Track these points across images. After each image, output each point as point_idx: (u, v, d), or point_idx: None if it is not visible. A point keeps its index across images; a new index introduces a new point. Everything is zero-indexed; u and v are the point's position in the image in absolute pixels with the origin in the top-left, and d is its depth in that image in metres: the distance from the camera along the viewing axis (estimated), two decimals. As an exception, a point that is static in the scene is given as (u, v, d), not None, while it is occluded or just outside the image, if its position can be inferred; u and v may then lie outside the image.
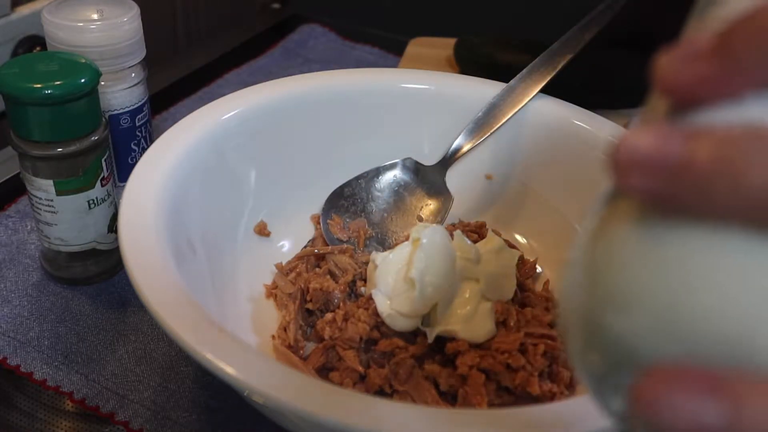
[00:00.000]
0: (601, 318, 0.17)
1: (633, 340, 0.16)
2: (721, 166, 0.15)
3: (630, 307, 0.17)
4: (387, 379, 0.38)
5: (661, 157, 0.16)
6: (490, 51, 0.65)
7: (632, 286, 0.17)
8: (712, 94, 0.17)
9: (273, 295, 0.45)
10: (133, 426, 0.38)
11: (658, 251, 0.16)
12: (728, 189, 0.15)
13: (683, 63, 0.17)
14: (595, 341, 0.17)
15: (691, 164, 0.16)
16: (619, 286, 0.17)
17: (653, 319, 0.16)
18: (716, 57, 0.16)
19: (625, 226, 0.17)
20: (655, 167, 0.16)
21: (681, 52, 0.17)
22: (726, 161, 0.15)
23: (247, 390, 0.29)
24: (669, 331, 0.16)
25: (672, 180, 0.16)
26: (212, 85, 0.71)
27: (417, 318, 0.40)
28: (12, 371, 0.41)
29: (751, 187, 0.15)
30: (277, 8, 0.87)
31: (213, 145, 0.44)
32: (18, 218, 0.51)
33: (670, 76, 0.17)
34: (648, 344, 0.16)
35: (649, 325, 0.16)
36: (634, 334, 0.16)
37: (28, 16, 0.61)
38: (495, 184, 0.51)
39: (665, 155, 0.16)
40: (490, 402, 0.37)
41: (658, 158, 0.16)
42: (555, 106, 0.49)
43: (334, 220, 0.48)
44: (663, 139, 0.16)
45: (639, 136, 0.16)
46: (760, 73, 0.16)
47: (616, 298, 0.17)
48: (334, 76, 0.51)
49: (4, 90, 0.40)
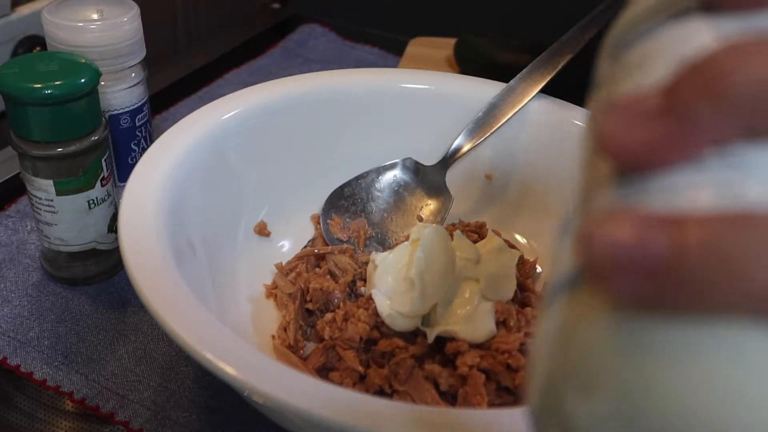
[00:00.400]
0: (562, 392, 0.16)
1: (588, 422, 0.15)
2: (716, 264, 0.13)
3: (591, 393, 0.15)
4: (387, 379, 0.38)
5: (644, 256, 0.14)
6: (490, 51, 0.65)
7: (600, 371, 0.15)
8: (666, 159, 0.15)
9: (273, 295, 0.45)
10: (133, 426, 0.38)
11: (632, 344, 0.15)
12: (726, 289, 0.13)
13: (629, 125, 0.15)
14: (554, 417, 0.16)
15: (682, 262, 0.14)
16: (584, 375, 0.15)
17: (616, 409, 0.15)
18: (666, 117, 0.14)
19: (597, 313, 0.15)
20: (637, 269, 0.14)
21: (624, 112, 0.15)
22: (721, 258, 0.13)
23: (247, 390, 0.29)
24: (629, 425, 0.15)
25: (657, 281, 0.14)
26: (212, 85, 0.70)
27: (417, 318, 0.40)
28: (12, 371, 0.41)
29: (755, 284, 0.13)
30: (277, 8, 0.87)
31: (213, 145, 0.44)
32: (18, 218, 0.51)
33: (615, 140, 0.15)
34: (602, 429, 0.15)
35: (608, 413, 0.15)
36: (590, 417, 0.15)
37: (28, 16, 0.61)
38: (495, 184, 0.51)
39: (650, 254, 0.14)
40: (490, 402, 0.37)
41: (641, 257, 0.14)
42: (555, 106, 0.49)
43: (334, 220, 0.48)
44: (643, 230, 0.14)
45: (615, 226, 0.14)
46: (717, 131, 0.14)
47: (579, 385, 0.15)
48: (334, 76, 0.51)
49: (4, 90, 0.40)
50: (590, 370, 0.15)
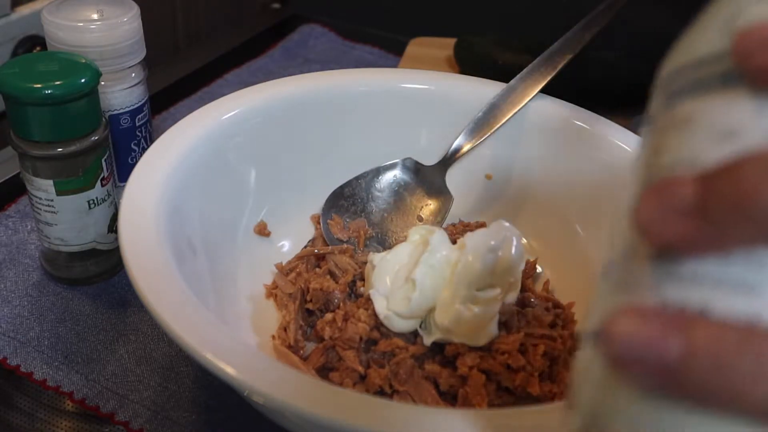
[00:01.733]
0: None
1: None
2: (720, 373, 0.15)
3: None
4: (387, 379, 0.38)
5: (658, 355, 0.16)
6: (490, 51, 0.65)
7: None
8: (695, 251, 0.17)
9: (273, 295, 0.45)
10: (133, 426, 0.38)
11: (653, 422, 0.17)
12: (726, 395, 0.15)
13: (665, 216, 0.17)
14: None
15: (690, 365, 0.16)
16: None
17: None
18: (699, 217, 0.16)
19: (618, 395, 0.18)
20: (650, 365, 0.16)
21: (664, 201, 0.17)
22: (725, 368, 0.15)
23: (247, 390, 0.29)
24: None
25: (667, 378, 0.16)
26: (212, 85, 0.71)
27: (415, 319, 0.40)
28: (12, 371, 0.41)
29: (752, 396, 0.15)
30: (277, 8, 0.87)
31: (213, 145, 0.44)
32: (18, 218, 0.51)
33: (653, 227, 0.17)
34: None
35: None
36: None
37: (28, 16, 0.61)
38: (495, 184, 0.51)
39: (663, 353, 0.16)
40: (490, 402, 0.37)
41: (655, 355, 0.16)
42: (555, 106, 0.49)
43: (334, 220, 0.48)
44: (660, 332, 0.16)
45: (633, 321, 0.16)
46: (743, 239, 0.16)
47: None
48: (334, 76, 0.51)
49: (4, 90, 0.40)
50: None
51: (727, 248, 0.16)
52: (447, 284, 0.39)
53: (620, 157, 0.45)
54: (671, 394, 0.16)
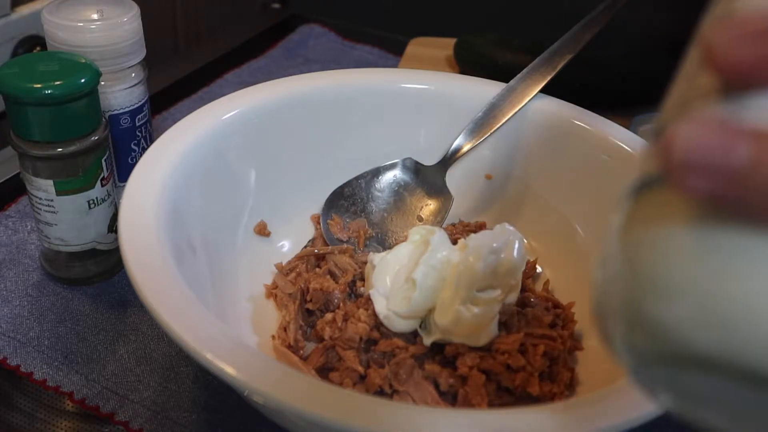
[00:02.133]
0: (646, 306, 0.17)
1: (674, 328, 0.16)
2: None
3: (677, 298, 0.16)
4: (387, 379, 0.38)
5: (725, 160, 0.14)
6: (490, 51, 0.65)
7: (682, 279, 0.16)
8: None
9: (273, 295, 0.45)
10: (133, 426, 0.38)
11: (711, 249, 0.16)
12: None
13: (741, 41, 0.15)
14: (639, 328, 0.17)
15: (759, 171, 0.14)
16: (667, 278, 0.16)
17: (701, 312, 0.16)
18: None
19: (673, 220, 0.16)
20: (717, 170, 0.15)
21: (736, 30, 0.15)
22: None
23: (247, 390, 0.29)
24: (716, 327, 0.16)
25: (735, 185, 0.15)
26: (212, 85, 0.71)
27: (415, 319, 0.40)
28: (12, 371, 0.41)
29: None
30: (277, 8, 0.87)
31: (213, 145, 0.44)
32: (18, 218, 0.51)
33: (723, 53, 0.15)
34: (688, 332, 0.16)
35: (696, 317, 0.16)
36: (676, 322, 0.16)
37: (28, 16, 0.61)
38: (495, 184, 0.51)
39: (730, 158, 0.14)
40: (490, 402, 0.37)
41: (722, 160, 0.14)
42: (555, 106, 0.49)
43: (334, 220, 0.48)
44: (727, 137, 0.15)
45: (696, 128, 0.15)
46: None
47: (663, 289, 0.16)
48: (334, 76, 0.51)
49: (4, 90, 0.40)
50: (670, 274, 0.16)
51: None
52: (447, 284, 0.39)
53: (620, 157, 0.45)
54: (735, 204, 0.15)
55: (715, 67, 0.16)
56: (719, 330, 0.16)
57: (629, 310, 0.17)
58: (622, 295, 0.18)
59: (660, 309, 0.17)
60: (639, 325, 0.17)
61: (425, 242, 0.41)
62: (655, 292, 0.17)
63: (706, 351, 0.16)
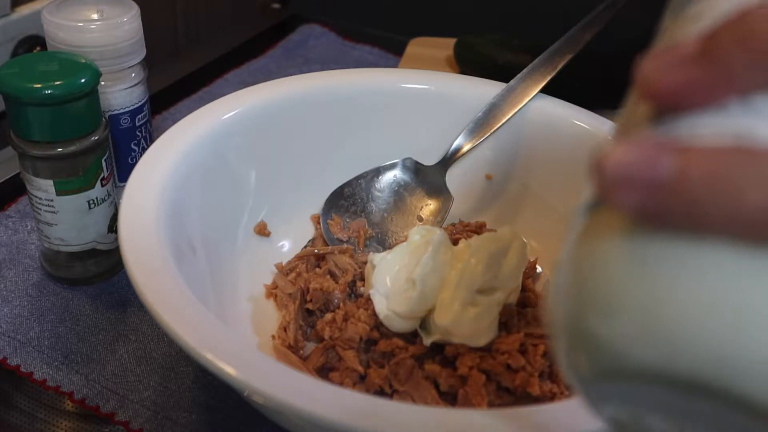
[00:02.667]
0: (585, 322, 0.17)
1: (615, 345, 0.17)
2: (714, 185, 0.15)
3: (613, 313, 0.17)
4: (387, 379, 0.38)
5: (652, 173, 0.15)
6: (490, 51, 0.65)
7: (617, 293, 0.17)
8: (696, 101, 0.16)
9: (273, 295, 0.45)
10: (133, 426, 0.38)
11: (645, 262, 0.16)
12: (721, 209, 0.15)
13: (667, 67, 0.16)
14: (579, 344, 0.18)
15: (684, 182, 0.15)
16: (604, 293, 0.17)
17: (636, 326, 0.16)
18: (701, 62, 0.16)
19: (611, 236, 0.17)
20: (645, 183, 0.16)
21: (664, 57, 0.16)
22: (720, 180, 0.15)
23: (247, 390, 0.29)
24: (650, 339, 0.16)
25: (662, 197, 0.15)
26: (212, 85, 0.71)
27: (415, 320, 0.40)
28: (12, 371, 0.41)
29: (746, 206, 0.15)
30: (277, 8, 0.87)
31: (213, 145, 0.44)
32: (18, 218, 0.51)
33: (653, 80, 0.17)
34: (629, 349, 0.16)
35: (631, 331, 0.16)
36: (616, 339, 0.17)
37: (28, 16, 0.61)
38: (495, 184, 0.51)
39: (656, 171, 0.15)
40: (490, 402, 0.37)
41: (648, 174, 0.15)
42: (555, 106, 0.49)
43: (334, 220, 0.48)
44: (653, 153, 0.16)
45: (626, 148, 0.16)
46: (745, 80, 0.16)
47: (600, 304, 0.17)
48: (334, 76, 0.51)
49: (4, 90, 0.40)
50: (608, 289, 0.17)
51: (727, 94, 0.16)
52: (447, 285, 0.39)
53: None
54: (664, 216, 0.16)
55: (646, 94, 0.17)
56: (657, 342, 0.16)
57: (573, 326, 0.18)
58: (567, 311, 0.18)
59: (601, 324, 0.17)
60: (581, 341, 0.17)
61: (425, 242, 0.41)
62: (596, 307, 0.17)
63: (647, 364, 0.16)
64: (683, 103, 0.17)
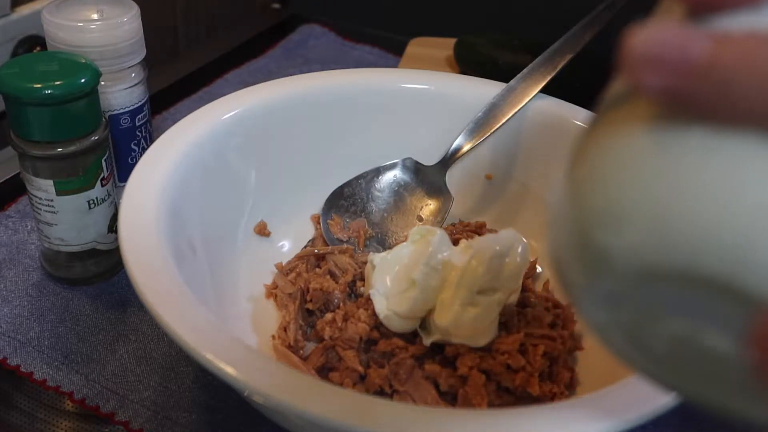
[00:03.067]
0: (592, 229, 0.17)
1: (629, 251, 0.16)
2: (749, 71, 0.14)
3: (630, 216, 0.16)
4: (387, 379, 0.38)
5: (684, 52, 0.15)
6: (490, 51, 0.65)
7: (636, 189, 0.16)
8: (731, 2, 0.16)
9: (273, 295, 0.45)
10: (133, 426, 0.38)
11: (668, 155, 0.16)
12: (755, 95, 0.14)
13: None
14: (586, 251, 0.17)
15: (718, 65, 0.15)
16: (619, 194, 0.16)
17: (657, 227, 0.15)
18: None
19: (632, 128, 0.16)
20: (676, 65, 0.15)
21: None
22: (754, 65, 0.14)
23: (247, 390, 0.29)
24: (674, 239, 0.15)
25: (694, 79, 0.15)
26: (212, 85, 0.70)
27: (415, 320, 0.40)
28: (12, 371, 0.41)
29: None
30: (277, 8, 0.87)
31: (213, 145, 0.44)
32: (18, 218, 0.51)
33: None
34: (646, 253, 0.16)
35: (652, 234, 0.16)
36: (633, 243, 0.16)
37: (28, 16, 0.61)
38: (495, 184, 0.51)
39: (689, 51, 0.15)
40: (490, 402, 0.37)
41: (680, 53, 0.15)
42: (555, 106, 0.49)
43: (334, 220, 0.48)
44: (686, 35, 0.15)
45: (658, 28, 0.15)
46: None
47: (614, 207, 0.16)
48: (334, 76, 0.51)
49: (4, 90, 0.40)
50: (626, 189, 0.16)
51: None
52: (447, 285, 0.39)
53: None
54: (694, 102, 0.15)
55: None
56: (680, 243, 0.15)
57: (580, 244, 0.17)
58: (580, 208, 0.17)
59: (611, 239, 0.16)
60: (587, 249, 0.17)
61: (425, 242, 0.41)
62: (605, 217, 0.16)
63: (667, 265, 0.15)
64: (716, 4, 0.16)
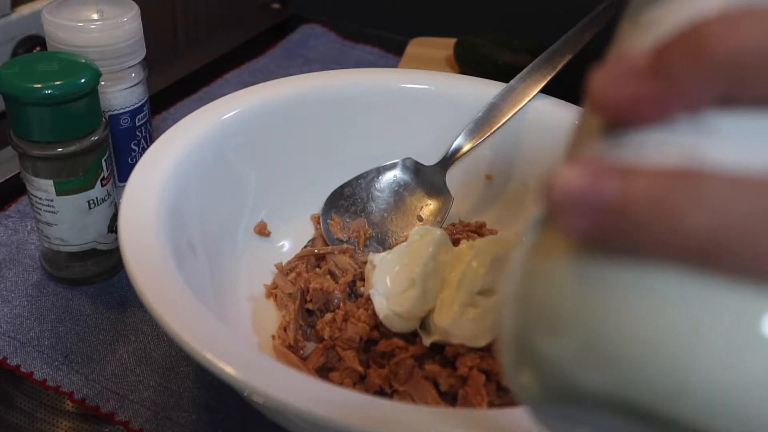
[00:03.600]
0: (531, 338, 0.17)
1: (560, 365, 0.16)
2: (657, 209, 0.15)
3: (559, 333, 0.16)
4: (387, 379, 0.38)
5: (595, 199, 0.15)
6: (490, 51, 0.65)
7: (563, 314, 0.16)
8: (644, 116, 0.16)
9: (273, 295, 0.45)
10: (133, 426, 0.38)
11: (591, 284, 0.16)
12: (664, 232, 0.15)
13: (618, 81, 0.16)
14: (526, 360, 0.17)
15: (627, 206, 0.15)
16: (550, 312, 0.17)
17: (580, 348, 0.16)
18: (651, 76, 0.16)
19: (559, 255, 0.17)
20: (588, 209, 0.16)
21: (617, 69, 0.16)
22: (662, 203, 0.15)
23: (247, 390, 0.29)
24: (594, 363, 0.16)
25: (606, 221, 0.15)
26: (212, 85, 0.71)
27: (415, 320, 0.40)
28: (12, 371, 0.41)
29: (687, 229, 0.15)
30: (277, 8, 0.87)
31: (213, 145, 0.44)
32: (18, 218, 0.51)
33: (604, 93, 0.16)
34: (573, 371, 0.16)
35: (576, 353, 0.16)
36: (561, 360, 0.16)
37: (28, 16, 0.61)
38: (495, 184, 0.51)
39: (600, 196, 0.15)
40: (490, 402, 0.37)
41: (592, 199, 0.15)
42: (555, 106, 0.49)
43: (334, 220, 0.48)
44: (597, 177, 0.16)
45: (572, 171, 0.16)
46: (695, 96, 0.16)
47: (546, 322, 0.17)
48: (334, 76, 0.51)
49: (4, 90, 0.40)
50: (555, 310, 0.17)
51: (676, 109, 0.16)
52: (447, 285, 0.39)
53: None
54: (610, 239, 0.16)
55: (596, 107, 0.17)
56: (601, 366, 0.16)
57: (520, 340, 0.18)
58: (515, 324, 0.18)
59: (547, 344, 0.17)
60: (528, 357, 0.17)
61: (426, 243, 0.41)
62: (543, 326, 0.17)
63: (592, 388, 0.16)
64: (631, 117, 0.16)
